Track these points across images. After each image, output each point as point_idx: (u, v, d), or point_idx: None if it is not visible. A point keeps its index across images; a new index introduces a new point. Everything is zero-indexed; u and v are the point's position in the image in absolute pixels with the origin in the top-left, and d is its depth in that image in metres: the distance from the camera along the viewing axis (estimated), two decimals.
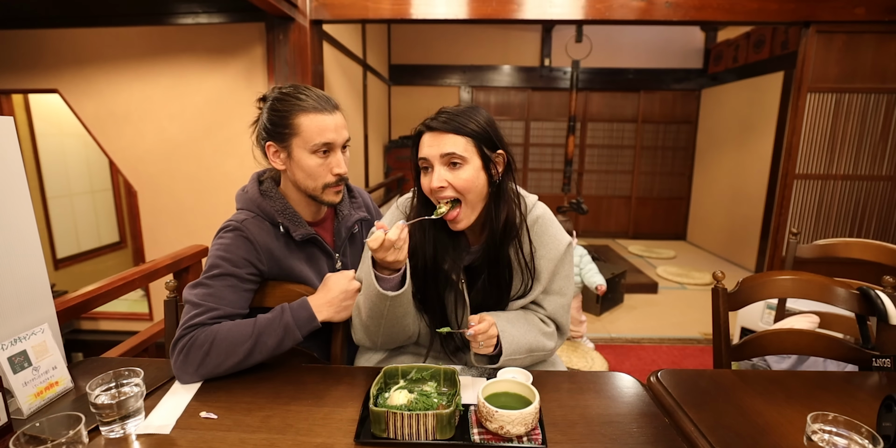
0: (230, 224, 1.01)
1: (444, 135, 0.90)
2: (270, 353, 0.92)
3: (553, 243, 1.00)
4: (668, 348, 2.86)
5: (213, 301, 0.93)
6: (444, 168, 0.90)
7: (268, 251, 1.01)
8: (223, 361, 0.88)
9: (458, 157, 0.89)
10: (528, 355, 0.98)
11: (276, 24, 2.57)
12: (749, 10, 2.64)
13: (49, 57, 2.72)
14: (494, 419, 0.72)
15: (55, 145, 3.71)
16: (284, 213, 1.05)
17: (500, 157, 0.95)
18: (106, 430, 0.74)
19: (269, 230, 1.02)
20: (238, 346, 0.89)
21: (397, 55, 5.68)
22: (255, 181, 1.09)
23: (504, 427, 0.72)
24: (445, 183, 0.90)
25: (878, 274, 1.21)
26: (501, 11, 2.68)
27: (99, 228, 4.14)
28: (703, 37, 5.57)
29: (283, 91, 1.00)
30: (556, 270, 1.01)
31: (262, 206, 1.03)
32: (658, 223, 6.04)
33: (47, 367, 0.86)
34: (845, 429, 0.62)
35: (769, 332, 1.15)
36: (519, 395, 0.79)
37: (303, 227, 1.06)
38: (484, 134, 0.91)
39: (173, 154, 2.79)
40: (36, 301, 0.91)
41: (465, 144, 0.90)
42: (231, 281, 0.95)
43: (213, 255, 0.97)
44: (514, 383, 0.80)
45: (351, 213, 1.17)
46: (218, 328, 0.90)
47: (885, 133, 2.82)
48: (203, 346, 0.87)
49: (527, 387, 0.78)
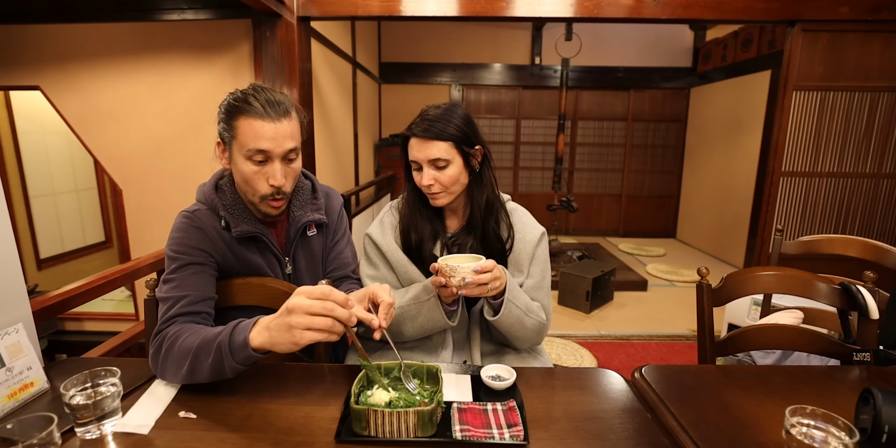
0: (183, 213, 1.02)
1: (429, 142, 1.04)
2: (213, 376, 0.80)
3: (528, 228, 1.15)
4: (657, 345, 2.88)
5: (180, 291, 0.92)
6: (432, 169, 1.05)
7: (220, 240, 1.02)
8: (176, 373, 0.83)
9: (443, 161, 1.04)
10: (524, 313, 1.04)
11: (263, 21, 2.55)
12: (736, 9, 2.66)
13: (30, 53, 2.67)
14: (457, 273, 0.90)
15: (38, 143, 3.64)
16: (231, 208, 1.03)
17: (477, 151, 1.09)
18: (81, 431, 0.73)
19: (217, 222, 1.03)
20: (183, 359, 0.82)
21: (387, 53, 5.65)
22: (217, 176, 1.09)
23: (465, 278, 0.90)
24: (434, 181, 1.06)
25: (860, 269, 1.22)
26: (491, 9, 2.68)
27: (84, 228, 4.08)
28: (692, 36, 5.61)
29: (242, 91, 0.96)
30: (534, 254, 1.13)
31: (212, 199, 1.03)
32: (648, 221, 6.08)
33: (21, 368, 0.84)
34: (823, 422, 0.62)
35: (753, 328, 1.16)
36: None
37: (246, 224, 1.02)
38: (462, 135, 1.05)
39: (159, 152, 2.75)
40: (10, 300, 0.89)
41: (447, 148, 1.04)
42: (193, 269, 0.96)
43: (169, 249, 0.98)
44: (467, 257, 0.96)
45: (305, 213, 1.10)
46: (178, 334, 0.86)
47: (869, 131, 2.85)
48: (161, 351, 0.86)
49: (475, 257, 0.95)
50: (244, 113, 0.92)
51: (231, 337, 0.78)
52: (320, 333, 0.72)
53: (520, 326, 1.04)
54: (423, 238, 1.12)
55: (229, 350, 0.77)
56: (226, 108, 0.96)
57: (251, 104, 0.93)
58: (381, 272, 1.14)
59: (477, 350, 1.11)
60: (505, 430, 0.74)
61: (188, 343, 0.83)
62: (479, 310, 1.14)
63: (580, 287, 3.37)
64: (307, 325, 0.71)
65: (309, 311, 0.71)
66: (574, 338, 2.94)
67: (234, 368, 0.79)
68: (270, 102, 0.93)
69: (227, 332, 0.79)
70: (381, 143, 5.37)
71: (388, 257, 1.13)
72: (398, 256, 1.12)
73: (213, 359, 0.78)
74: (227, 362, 0.78)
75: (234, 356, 0.77)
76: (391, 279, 1.13)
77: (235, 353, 0.77)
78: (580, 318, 3.30)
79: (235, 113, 0.93)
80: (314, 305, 0.71)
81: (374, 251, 1.15)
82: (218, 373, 0.80)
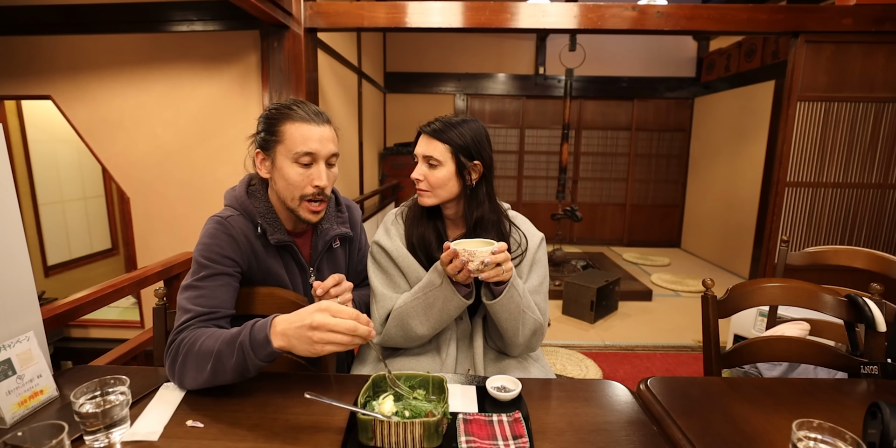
0: (215, 218, 1.02)
1: (431, 139, 1.09)
2: (237, 375, 0.83)
3: (529, 235, 1.18)
4: (662, 356, 2.86)
5: (206, 301, 0.92)
6: (425, 165, 1.10)
7: (249, 248, 1.02)
8: (197, 376, 0.84)
9: (435, 160, 1.09)
10: (525, 306, 1.05)
11: (271, 32, 2.59)
12: (739, 21, 2.68)
13: (42, 63, 2.72)
14: (475, 256, 0.93)
15: (48, 152, 3.69)
16: (266, 216, 1.05)
17: (475, 165, 1.11)
18: (90, 439, 0.73)
19: (250, 229, 1.04)
20: (205, 362, 0.83)
21: (392, 63, 5.71)
22: (246, 182, 1.10)
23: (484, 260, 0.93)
24: (422, 177, 1.10)
25: (867, 281, 1.22)
26: (496, 21, 2.71)
27: (91, 235, 4.12)
28: (695, 46, 5.64)
29: (281, 103, 1.02)
30: (534, 259, 1.16)
31: (246, 205, 1.04)
32: (652, 231, 6.07)
33: (32, 376, 0.85)
34: (830, 436, 0.62)
35: (759, 340, 1.15)
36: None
37: (280, 233, 1.06)
38: (463, 145, 1.08)
39: (166, 161, 2.79)
40: (22, 308, 0.91)
41: (443, 150, 1.08)
42: (221, 280, 0.96)
43: (199, 255, 0.97)
44: (478, 242, 0.99)
45: (332, 227, 1.15)
46: (195, 338, 0.86)
47: (874, 141, 2.85)
48: (179, 357, 0.86)
49: (486, 242, 0.98)
50: (290, 118, 0.98)
51: (251, 336, 0.80)
52: (340, 347, 0.77)
53: (519, 317, 1.05)
54: (430, 242, 1.15)
55: (251, 348, 0.80)
56: (267, 117, 1.01)
57: (296, 111, 0.99)
58: (392, 278, 1.15)
59: (480, 357, 1.12)
60: (511, 441, 0.74)
61: (207, 346, 0.84)
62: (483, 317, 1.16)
63: (584, 297, 3.36)
64: (329, 340, 0.75)
65: (334, 330, 0.75)
66: (579, 348, 2.93)
67: (256, 366, 0.81)
68: (314, 111, 1.01)
69: (246, 332, 0.81)
70: (386, 152, 5.40)
71: (398, 262, 1.14)
72: (409, 261, 1.14)
73: (236, 358, 0.80)
74: (249, 361, 0.80)
75: (256, 354, 0.80)
76: (402, 284, 1.15)
77: (258, 350, 0.79)
78: (585, 328, 3.29)
79: (281, 119, 0.99)
80: (339, 325, 0.75)
81: (383, 257, 1.16)
82: (242, 372, 0.82)
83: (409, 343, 1.12)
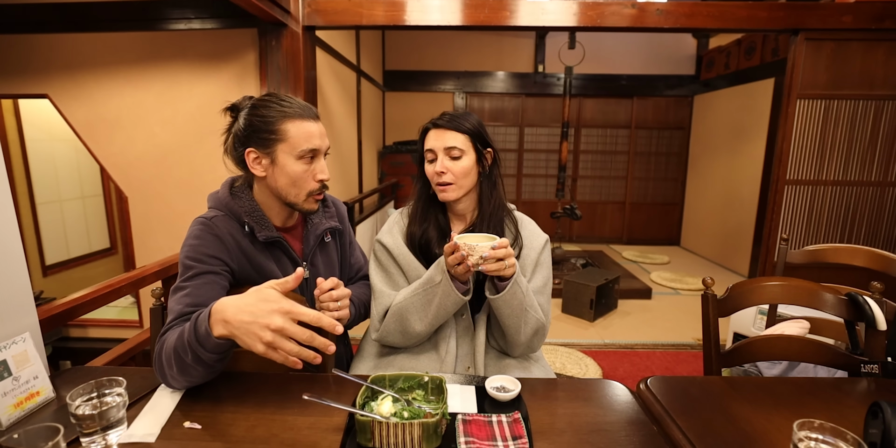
0: (199, 220, 1.02)
1: (447, 131, 1.11)
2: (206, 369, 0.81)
3: (534, 236, 1.19)
4: (661, 354, 2.86)
5: (190, 299, 0.92)
6: (447, 158, 1.11)
7: (236, 247, 1.02)
8: (175, 376, 0.83)
9: (458, 150, 1.10)
10: (527, 304, 1.05)
11: (269, 30, 2.58)
12: (739, 18, 2.67)
13: (39, 62, 2.71)
14: (475, 250, 0.93)
15: (45, 151, 3.68)
16: (252, 214, 1.05)
17: (489, 153, 1.15)
18: (87, 441, 0.73)
19: (237, 228, 1.04)
20: (172, 362, 0.82)
21: (391, 61, 5.69)
22: (228, 184, 1.11)
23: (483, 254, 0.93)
24: (445, 170, 1.10)
25: (867, 279, 1.21)
26: (494, 18, 2.70)
27: (89, 234, 4.11)
28: (695, 43, 5.63)
29: (264, 98, 1.01)
30: (538, 260, 1.16)
31: (230, 206, 1.04)
32: (652, 229, 6.07)
33: (28, 377, 0.84)
34: (831, 436, 0.62)
35: (759, 339, 1.15)
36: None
37: (268, 230, 1.06)
38: (477, 133, 1.13)
39: (164, 160, 2.78)
40: (17, 309, 0.90)
41: (463, 140, 1.11)
42: (206, 278, 0.95)
43: (184, 257, 0.97)
44: (480, 236, 0.99)
45: (322, 221, 1.17)
46: (167, 338, 0.85)
47: (874, 139, 2.85)
48: (159, 358, 0.85)
49: (490, 237, 0.98)
50: (289, 117, 0.99)
51: (195, 330, 0.78)
52: (282, 356, 0.75)
53: (521, 315, 1.05)
54: (431, 240, 1.15)
55: (198, 344, 0.77)
56: (260, 116, 0.99)
57: (291, 108, 0.99)
58: (391, 276, 1.16)
59: (481, 354, 1.12)
60: (510, 442, 0.74)
61: (170, 345, 0.83)
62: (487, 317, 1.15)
63: (584, 295, 3.36)
64: (280, 346, 0.73)
65: (293, 337, 0.73)
66: (578, 346, 2.93)
67: (212, 359, 0.79)
68: (304, 105, 1.02)
69: (190, 326, 0.79)
70: (385, 150, 5.39)
71: (398, 261, 1.15)
72: (409, 259, 1.14)
73: (191, 355, 0.78)
74: (203, 355, 0.78)
75: (204, 348, 0.77)
76: (401, 281, 1.15)
77: (204, 344, 0.77)
78: (584, 327, 3.28)
79: (278, 118, 0.99)
80: (299, 334, 0.73)
81: (385, 256, 1.17)
82: (205, 368, 0.80)
83: (407, 340, 1.12)
